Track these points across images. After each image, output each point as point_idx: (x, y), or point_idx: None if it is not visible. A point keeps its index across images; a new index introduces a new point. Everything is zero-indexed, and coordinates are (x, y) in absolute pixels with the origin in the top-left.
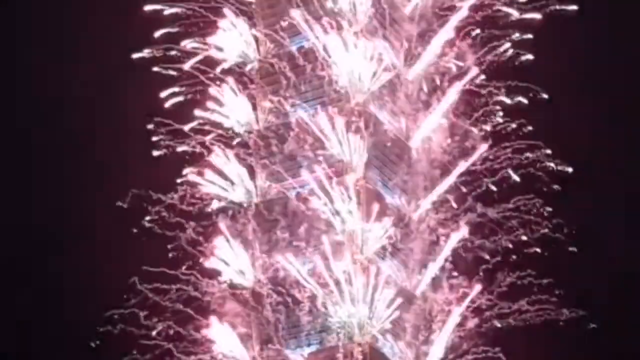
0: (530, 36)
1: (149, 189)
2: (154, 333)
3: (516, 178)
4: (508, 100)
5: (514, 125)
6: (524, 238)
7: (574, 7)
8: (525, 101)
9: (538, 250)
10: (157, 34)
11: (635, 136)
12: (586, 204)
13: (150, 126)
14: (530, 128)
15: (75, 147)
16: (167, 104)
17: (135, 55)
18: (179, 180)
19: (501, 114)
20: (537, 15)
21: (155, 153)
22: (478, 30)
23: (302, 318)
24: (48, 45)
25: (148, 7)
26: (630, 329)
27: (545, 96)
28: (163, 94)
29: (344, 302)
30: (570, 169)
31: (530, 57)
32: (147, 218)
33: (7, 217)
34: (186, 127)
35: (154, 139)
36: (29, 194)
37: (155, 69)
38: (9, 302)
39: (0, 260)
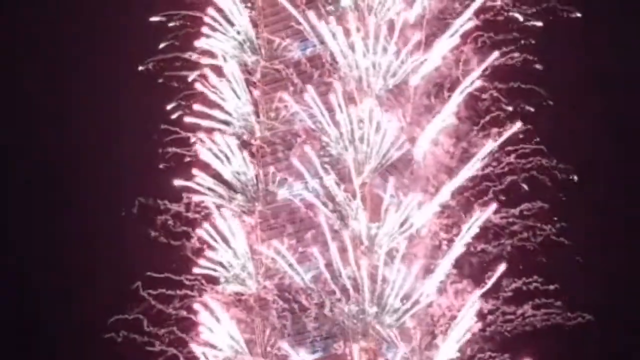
0: (533, 41)
1: (156, 197)
2: (157, 342)
3: (524, 186)
4: (510, 108)
5: (521, 136)
6: (528, 245)
7: (578, 14)
8: (531, 109)
9: (543, 260)
10: (162, 45)
11: (636, 139)
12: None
13: (155, 137)
14: (537, 139)
15: (79, 155)
16: (174, 116)
17: (140, 67)
18: (184, 191)
19: (508, 122)
20: (539, 23)
21: (161, 165)
22: (482, 35)
23: (308, 324)
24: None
25: (154, 18)
26: (636, 333)
27: (551, 102)
28: (169, 107)
29: (349, 307)
30: (575, 177)
31: (539, 67)
32: (152, 231)
33: (10, 223)
34: (192, 137)
35: (160, 151)
36: (31, 199)
37: (160, 80)
38: (12, 308)
39: (3, 267)
